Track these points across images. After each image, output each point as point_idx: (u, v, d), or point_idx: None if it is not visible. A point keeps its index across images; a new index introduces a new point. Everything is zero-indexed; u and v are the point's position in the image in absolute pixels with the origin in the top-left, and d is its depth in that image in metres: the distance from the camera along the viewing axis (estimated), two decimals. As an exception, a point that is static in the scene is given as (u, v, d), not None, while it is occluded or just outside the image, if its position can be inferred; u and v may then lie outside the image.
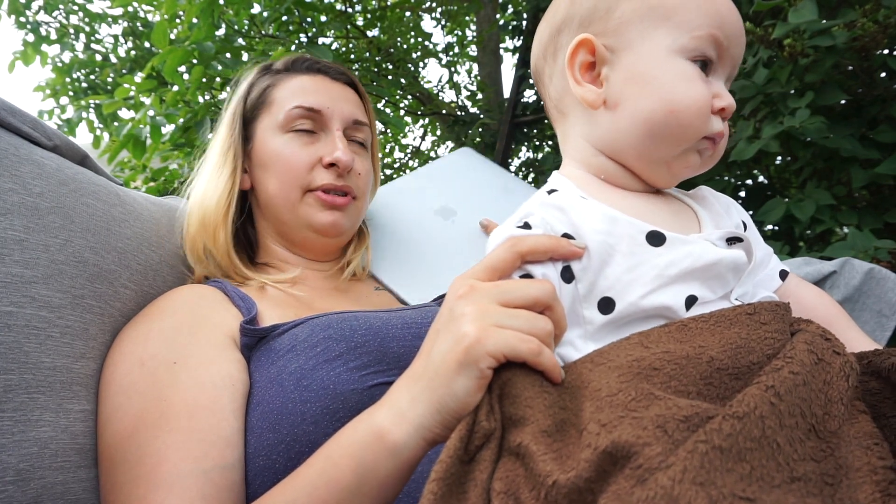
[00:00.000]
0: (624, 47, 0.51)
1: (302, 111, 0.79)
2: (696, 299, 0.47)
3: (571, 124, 0.56)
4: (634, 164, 0.53)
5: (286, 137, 0.79)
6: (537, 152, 4.47)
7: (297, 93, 0.81)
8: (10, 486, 0.49)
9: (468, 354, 0.41)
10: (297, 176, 0.78)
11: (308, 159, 0.78)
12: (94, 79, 4.68)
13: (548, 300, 0.43)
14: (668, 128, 0.49)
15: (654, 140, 0.50)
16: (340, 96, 0.83)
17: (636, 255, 0.46)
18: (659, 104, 0.49)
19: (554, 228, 0.48)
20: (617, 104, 0.51)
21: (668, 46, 0.49)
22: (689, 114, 0.48)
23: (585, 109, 0.54)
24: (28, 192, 0.57)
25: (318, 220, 0.79)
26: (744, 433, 0.31)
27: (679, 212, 0.54)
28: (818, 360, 0.38)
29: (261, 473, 0.56)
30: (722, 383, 0.39)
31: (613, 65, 0.51)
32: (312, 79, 0.83)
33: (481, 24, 4.53)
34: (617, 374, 0.39)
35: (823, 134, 1.50)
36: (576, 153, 0.56)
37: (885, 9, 1.41)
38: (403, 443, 0.43)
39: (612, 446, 0.33)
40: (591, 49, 0.52)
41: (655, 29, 0.49)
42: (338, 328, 0.63)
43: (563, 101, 0.56)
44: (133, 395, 0.57)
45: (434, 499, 0.35)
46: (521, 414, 0.39)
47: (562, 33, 0.54)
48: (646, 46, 0.50)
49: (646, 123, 0.50)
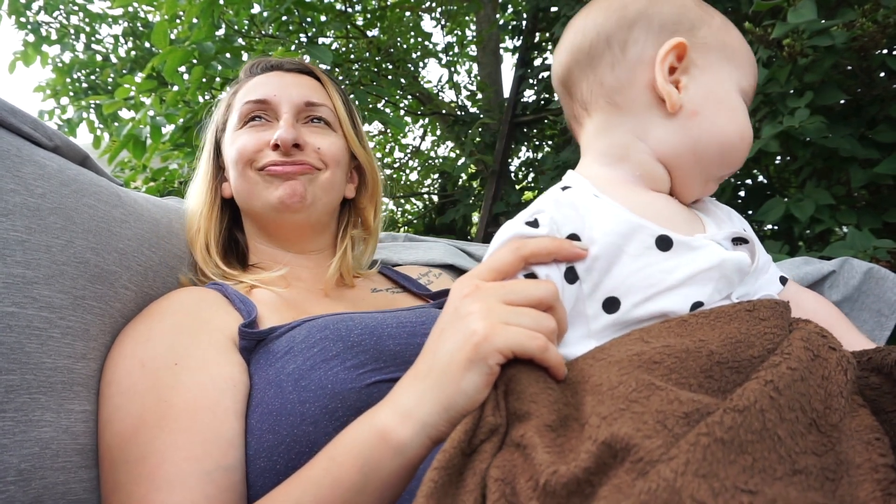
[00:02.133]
0: (705, 66, 0.54)
1: (251, 105, 0.82)
2: (703, 305, 0.47)
3: (625, 118, 0.55)
4: (685, 173, 0.55)
5: (239, 132, 0.82)
6: (537, 152, 4.48)
7: (250, 92, 0.84)
8: (12, 486, 0.49)
9: (477, 351, 0.41)
10: (246, 160, 0.79)
11: (255, 144, 0.79)
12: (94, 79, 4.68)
13: (550, 301, 0.44)
14: (735, 152, 0.54)
15: (719, 157, 0.54)
16: (291, 83, 0.84)
17: (644, 258, 0.47)
18: (735, 129, 0.53)
19: (560, 229, 0.48)
20: (694, 114, 0.53)
21: (736, 82, 0.55)
22: (747, 145, 0.54)
23: (652, 108, 0.54)
24: (30, 193, 0.57)
25: (273, 195, 0.78)
26: (745, 426, 0.32)
27: (687, 214, 0.55)
28: (815, 357, 0.38)
29: (262, 475, 0.56)
30: (722, 376, 0.39)
31: (694, 77, 0.53)
32: (267, 76, 0.86)
33: (481, 24, 4.53)
34: (617, 367, 0.40)
35: (823, 134, 1.51)
36: (612, 149, 0.55)
37: (885, 9, 1.42)
38: (408, 441, 0.43)
39: (611, 438, 0.33)
40: (680, 56, 0.53)
41: (727, 63, 0.55)
42: (334, 328, 0.63)
43: (623, 93, 0.55)
44: (134, 396, 0.57)
45: (434, 486, 0.36)
46: (526, 409, 0.39)
47: (636, 27, 0.54)
48: (722, 75, 0.54)
49: (720, 139, 0.53)
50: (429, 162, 5.57)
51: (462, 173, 4.43)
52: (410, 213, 5.99)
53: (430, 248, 1.17)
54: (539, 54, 3.98)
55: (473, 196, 4.23)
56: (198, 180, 0.87)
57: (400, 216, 5.93)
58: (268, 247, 0.85)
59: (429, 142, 5.65)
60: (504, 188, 3.72)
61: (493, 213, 3.57)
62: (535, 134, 4.36)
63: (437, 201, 5.32)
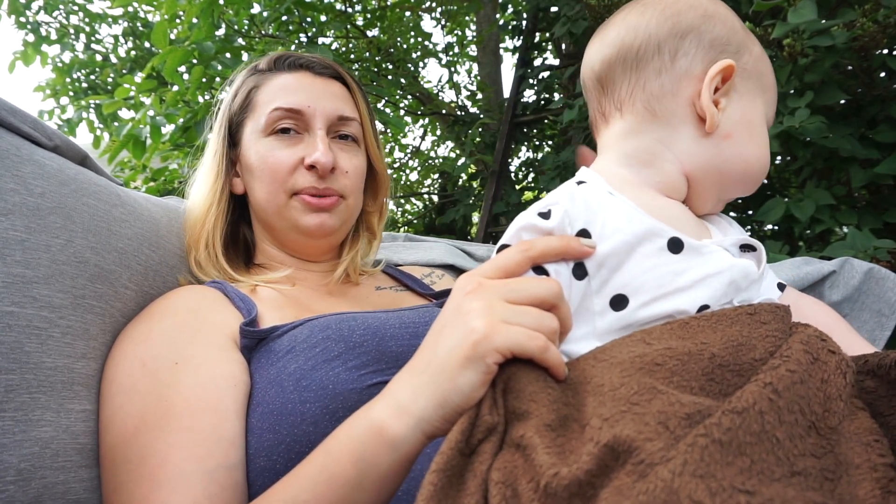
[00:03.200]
0: (743, 92, 0.55)
1: (282, 112, 0.77)
2: (709, 307, 0.47)
3: (658, 127, 0.55)
4: (704, 188, 0.56)
5: (268, 141, 0.78)
6: (537, 152, 4.48)
7: (278, 93, 0.79)
8: (12, 486, 0.49)
9: (476, 349, 0.41)
10: (280, 179, 0.77)
11: (289, 161, 0.76)
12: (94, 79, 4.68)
13: (554, 299, 0.44)
14: (755, 177, 0.56)
15: (740, 180, 0.56)
16: (324, 92, 0.80)
17: (655, 258, 0.47)
18: (761, 156, 0.56)
19: (573, 223, 0.49)
20: (728, 136, 0.54)
21: (764, 113, 0.57)
22: (764, 173, 0.57)
23: (692, 123, 0.54)
24: (29, 193, 0.57)
25: (304, 222, 0.77)
26: (743, 427, 0.32)
27: (696, 220, 0.56)
28: (814, 360, 0.38)
29: (261, 474, 0.56)
30: (724, 379, 0.39)
31: (733, 101, 0.55)
32: (295, 76, 0.81)
33: (481, 24, 4.53)
34: (619, 369, 0.39)
35: (823, 134, 1.51)
36: (638, 153, 0.55)
37: (885, 9, 1.42)
38: (403, 436, 0.43)
39: (613, 441, 0.33)
40: (726, 78, 0.54)
41: (760, 93, 0.57)
42: (336, 329, 0.63)
43: (663, 102, 0.55)
44: (135, 396, 0.57)
45: (434, 490, 0.35)
46: (525, 408, 0.39)
47: (688, 39, 0.54)
48: (756, 103, 0.56)
49: (746, 164, 0.55)
50: (429, 162, 5.57)
51: (462, 173, 4.43)
52: (410, 213, 5.99)
53: (431, 248, 1.17)
54: (539, 54, 3.98)
55: (473, 196, 4.24)
56: (205, 173, 0.83)
57: (400, 216, 5.93)
58: (278, 251, 0.84)
59: (429, 142, 5.66)
60: (504, 188, 3.72)
61: (493, 213, 3.57)
62: (535, 134, 4.36)
63: (437, 201, 5.33)
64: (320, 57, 0.85)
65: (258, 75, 0.83)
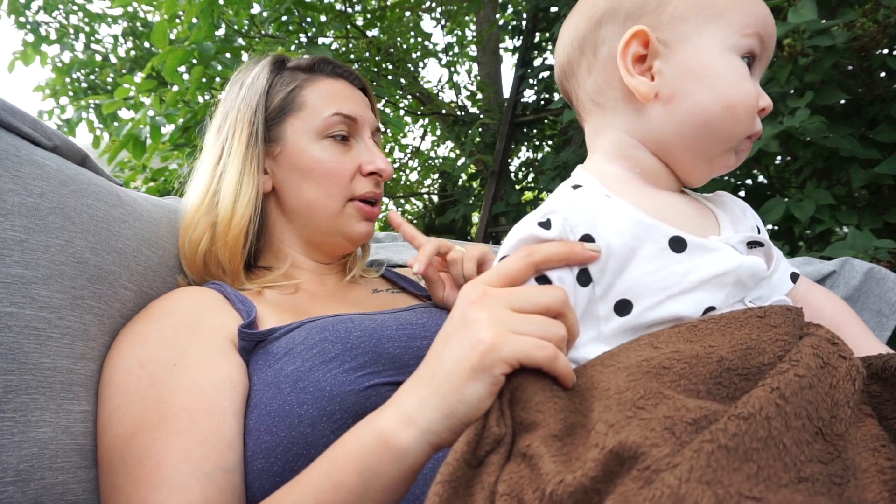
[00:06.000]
0: (678, 41, 0.50)
1: (341, 118, 0.78)
2: (714, 309, 0.46)
3: (611, 118, 0.55)
4: (680, 159, 0.53)
5: (324, 144, 0.78)
6: (537, 152, 4.48)
7: (333, 98, 0.79)
8: (10, 487, 0.49)
9: (483, 360, 0.41)
10: (341, 184, 0.78)
11: (351, 167, 0.78)
12: (94, 79, 4.68)
13: (560, 307, 0.43)
14: (723, 123, 0.50)
15: (709, 135, 0.50)
16: (363, 103, 0.84)
17: (658, 260, 0.46)
18: (718, 99, 0.49)
19: (574, 230, 0.47)
20: (672, 97, 0.50)
21: (722, 43, 0.50)
22: (743, 111, 0.49)
23: (631, 102, 0.52)
24: (29, 193, 0.57)
25: (356, 230, 0.80)
26: (750, 433, 0.31)
27: (701, 212, 0.54)
28: (824, 364, 0.38)
29: (259, 476, 0.56)
30: (731, 383, 0.38)
31: (667, 59, 0.51)
32: (339, 84, 0.83)
33: (481, 24, 4.53)
34: (626, 373, 0.39)
35: (823, 134, 1.50)
36: (611, 147, 0.54)
37: (885, 9, 1.42)
38: (409, 447, 0.43)
39: (619, 447, 0.33)
40: (645, 42, 0.51)
41: (709, 25, 0.50)
42: (333, 330, 0.63)
43: (603, 94, 0.54)
44: (132, 397, 0.57)
45: (439, 501, 0.35)
46: (532, 418, 0.39)
47: (603, 25, 0.53)
48: (702, 42, 0.50)
49: (702, 117, 0.50)
50: (429, 162, 5.57)
51: (462, 173, 4.43)
52: (410, 213, 5.99)
53: (430, 248, 1.17)
54: (539, 54, 3.98)
55: (473, 196, 4.23)
56: (235, 167, 0.77)
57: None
58: (298, 253, 0.82)
59: (429, 142, 5.67)
60: (504, 188, 3.72)
61: (493, 213, 3.57)
62: (535, 134, 4.36)
63: (437, 201, 5.33)
64: (352, 70, 0.88)
65: (295, 73, 0.81)
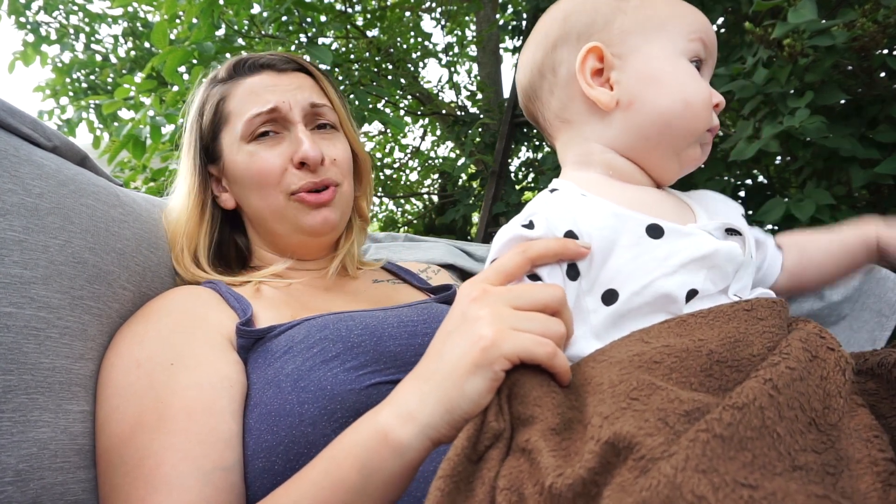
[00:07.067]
0: (630, 52, 0.55)
1: (262, 118, 0.76)
2: (697, 293, 0.48)
3: (578, 130, 0.58)
4: (649, 158, 0.56)
5: (250, 148, 0.77)
6: (537, 152, 4.47)
7: (249, 98, 0.77)
8: (10, 487, 0.49)
9: (484, 356, 0.41)
10: (273, 182, 0.75)
11: (277, 162, 0.75)
12: (94, 79, 4.68)
13: (558, 305, 0.45)
14: (683, 119, 0.54)
15: (671, 131, 0.55)
16: (291, 85, 0.79)
17: (637, 247, 0.48)
18: (676, 98, 0.54)
19: (557, 227, 0.50)
20: (631, 103, 0.55)
21: (671, 49, 0.55)
22: (700, 106, 0.54)
23: (595, 113, 0.56)
24: (28, 193, 0.57)
25: (307, 222, 0.77)
26: (744, 423, 0.32)
27: (678, 204, 0.57)
28: (813, 357, 0.38)
29: (260, 475, 0.56)
30: (722, 375, 0.39)
31: (622, 69, 0.55)
32: (260, 78, 0.79)
33: (481, 24, 4.53)
34: (618, 367, 0.40)
35: (823, 134, 1.50)
36: (581, 157, 0.58)
37: (885, 9, 1.41)
38: (409, 443, 0.43)
39: (614, 437, 0.33)
40: (600, 56, 0.55)
41: (656, 35, 0.55)
42: (334, 329, 0.63)
43: (567, 110, 0.58)
44: (130, 397, 0.57)
45: (441, 496, 0.35)
46: (530, 413, 0.40)
47: (559, 48, 0.58)
48: (653, 50, 0.55)
49: (663, 117, 0.54)
50: (429, 162, 5.57)
51: (462, 173, 4.43)
52: (410, 213, 5.98)
53: (431, 248, 1.17)
54: (539, 54, 3.96)
55: (473, 196, 4.23)
56: (182, 192, 0.81)
57: (400, 216, 5.93)
58: (274, 255, 0.83)
59: (429, 142, 5.65)
60: (504, 188, 3.72)
61: (493, 213, 3.57)
62: (535, 134, 4.35)
63: (437, 201, 5.32)
64: (279, 53, 0.84)
65: (221, 85, 0.81)
